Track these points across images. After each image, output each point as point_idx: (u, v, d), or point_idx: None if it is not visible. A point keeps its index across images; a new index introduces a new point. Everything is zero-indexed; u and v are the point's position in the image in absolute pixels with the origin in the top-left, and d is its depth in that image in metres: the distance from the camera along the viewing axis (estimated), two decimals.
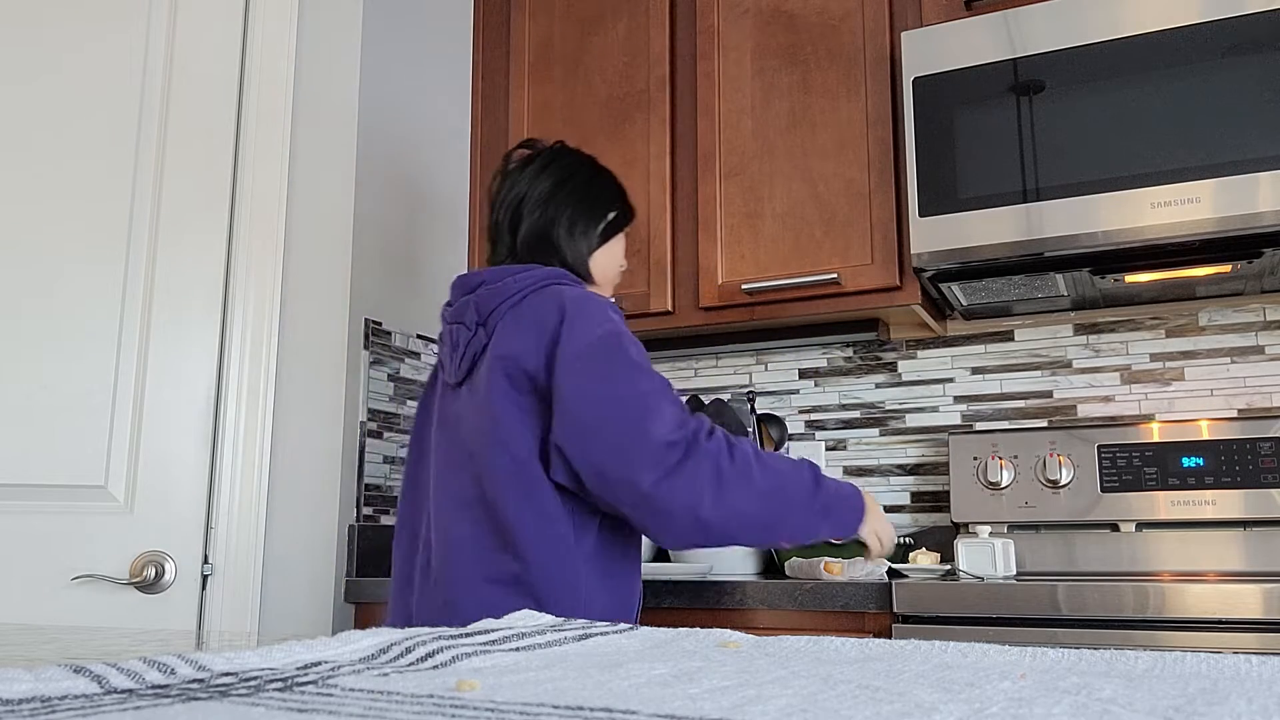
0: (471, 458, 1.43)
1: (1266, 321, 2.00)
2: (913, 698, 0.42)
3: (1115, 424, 2.01)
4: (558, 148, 1.66)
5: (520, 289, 1.47)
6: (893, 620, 1.57)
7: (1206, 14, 1.70)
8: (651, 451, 1.32)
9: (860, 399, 2.30)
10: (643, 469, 1.32)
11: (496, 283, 1.49)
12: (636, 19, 2.29)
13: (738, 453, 1.37)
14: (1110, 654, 0.55)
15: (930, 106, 1.87)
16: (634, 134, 2.24)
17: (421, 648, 0.58)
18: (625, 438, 1.33)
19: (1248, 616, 1.39)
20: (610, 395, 1.36)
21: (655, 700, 0.42)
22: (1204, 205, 1.65)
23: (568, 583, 1.38)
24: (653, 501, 1.31)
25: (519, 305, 1.46)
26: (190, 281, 1.90)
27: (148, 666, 0.49)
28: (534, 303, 1.44)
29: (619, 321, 1.46)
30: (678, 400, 1.40)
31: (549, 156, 1.63)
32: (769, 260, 2.07)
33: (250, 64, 2.00)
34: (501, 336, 1.44)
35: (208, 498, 1.85)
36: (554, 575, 1.37)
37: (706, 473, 1.33)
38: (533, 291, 1.47)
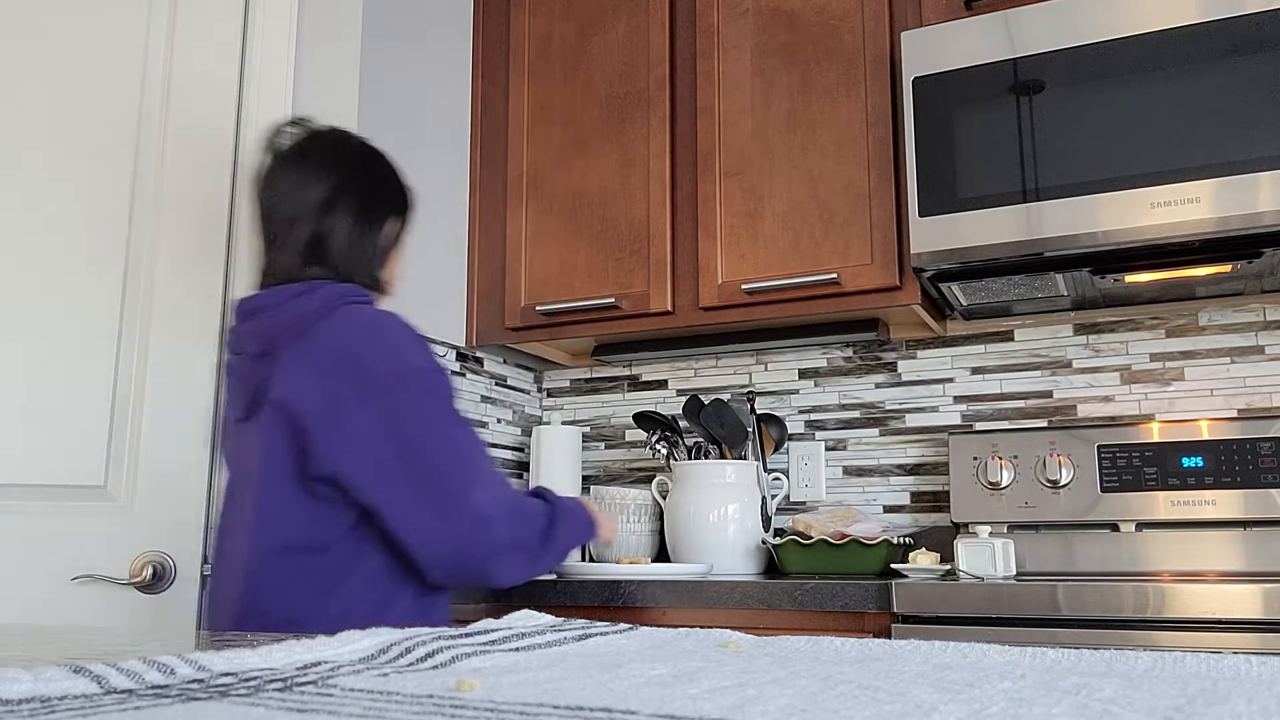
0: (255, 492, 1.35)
1: (1266, 321, 2.00)
2: (912, 698, 0.42)
3: (1115, 424, 2.01)
4: (333, 137, 1.50)
5: (303, 313, 1.34)
6: (893, 620, 1.57)
7: (1206, 14, 1.70)
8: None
9: (860, 399, 2.30)
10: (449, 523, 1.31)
11: (277, 307, 1.36)
12: (636, 18, 2.29)
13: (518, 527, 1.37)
14: (1110, 654, 0.55)
15: (930, 106, 1.87)
16: (634, 133, 2.24)
17: (421, 648, 0.58)
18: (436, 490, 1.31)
19: (1248, 616, 1.39)
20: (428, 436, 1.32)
21: (655, 700, 0.42)
22: (1204, 205, 1.65)
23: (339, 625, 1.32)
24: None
25: (305, 335, 1.33)
26: (190, 281, 1.90)
27: (147, 666, 0.49)
28: (321, 333, 1.33)
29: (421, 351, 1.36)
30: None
31: (325, 151, 1.47)
32: (769, 260, 2.07)
33: (250, 64, 2.00)
34: (283, 374, 1.32)
35: (208, 498, 1.85)
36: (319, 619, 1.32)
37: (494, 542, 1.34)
38: (320, 318, 1.34)
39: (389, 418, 1.30)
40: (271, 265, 1.44)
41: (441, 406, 1.34)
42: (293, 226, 1.42)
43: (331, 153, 1.47)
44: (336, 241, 1.42)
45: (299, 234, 1.41)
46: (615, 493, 2.19)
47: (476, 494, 1.32)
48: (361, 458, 1.29)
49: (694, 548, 2.04)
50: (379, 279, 1.49)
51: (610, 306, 2.17)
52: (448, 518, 1.30)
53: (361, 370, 1.31)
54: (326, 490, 1.32)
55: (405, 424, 1.30)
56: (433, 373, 1.35)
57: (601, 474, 2.52)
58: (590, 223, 2.25)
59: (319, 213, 1.42)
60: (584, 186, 2.27)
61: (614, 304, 2.16)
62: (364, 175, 1.48)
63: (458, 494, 1.31)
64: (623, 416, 2.52)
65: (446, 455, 1.32)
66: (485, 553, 1.32)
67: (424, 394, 1.33)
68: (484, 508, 1.32)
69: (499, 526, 1.32)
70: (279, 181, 1.44)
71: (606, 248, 2.22)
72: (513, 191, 2.34)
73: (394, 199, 1.52)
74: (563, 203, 2.29)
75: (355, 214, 1.44)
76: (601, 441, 2.53)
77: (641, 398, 2.52)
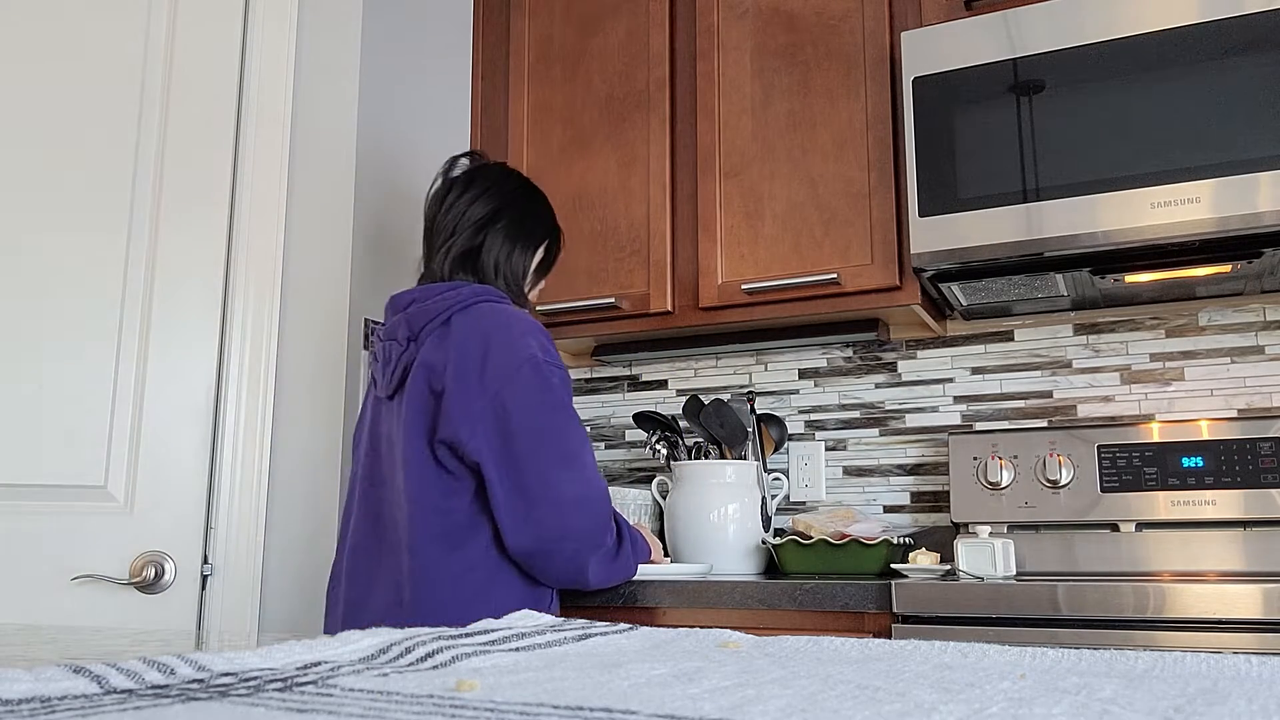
0: (398, 466, 1.52)
1: (1266, 321, 2.00)
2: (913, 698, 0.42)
3: (1115, 424, 2.01)
4: (500, 171, 1.71)
5: (448, 306, 1.53)
6: (893, 620, 1.57)
7: (1206, 14, 1.70)
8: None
9: (860, 399, 2.30)
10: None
11: (426, 301, 1.55)
12: (636, 19, 2.29)
13: (606, 526, 1.50)
14: (1110, 654, 0.55)
15: (930, 106, 1.87)
16: (634, 134, 2.24)
17: (421, 648, 0.58)
18: (535, 479, 1.44)
19: (1248, 616, 1.39)
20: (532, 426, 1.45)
21: (655, 700, 0.42)
22: (1204, 205, 1.65)
23: (453, 587, 1.46)
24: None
25: (448, 323, 1.52)
26: (190, 281, 1.90)
27: (147, 666, 0.49)
28: (459, 322, 1.51)
29: (545, 346, 1.52)
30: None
31: (490, 179, 1.68)
32: (769, 260, 2.07)
33: (250, 64, 2.00)
34: (427, 351, 1.51)
35: (208, 498, 1.85)
36: (437, 583, 1.45)
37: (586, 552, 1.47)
38: (459, 310, 1.53)
39: (500, 401, 1.45)
40: (428, 270, 1.66)
41: (550, 397, 1.47)
42: (453, 238, 1.63)
43: (497, 181, 1.68)
44: (489, 255, 1.63)
45: (457, 245, 1.63)
46: (615, 492, 2.19)
47: (566, 485, 1.42)
48: (474, 432, 1.45)
49: (694, 548, 2.04)
50: (523, 294, 1.68)
51: (610, 306, 2.17)
52: (531, 504, 1.42)
53: (487, 354, 1.47)
54: (446, 454, 1.47)
55: (513, 410, 1.44)
56: (549, 366, 1.49)
57: (601, 474, 2.52)
58: (590, 223, 2.25)
59: (478, 229, 1.63)
60: (584, 187, 2.27)
61: (614, 304, 2.16)
62: (522, 203, 1.69)
63: (546, 482, 1.42)
64: (623, 416, 2.52)
65: (545, 443, 1.44)
66: (568, 541, 1.42)
67: (536, 384, 1.46)
68: (570, 496, 1.42)
69: (582, 517, 1.43)
70: (447, 201, 1.66)
71: (606, 248, 2.22)
72: None
73: (545, 229, 1.72)
74: (563, 203, 2.29)
75: (509, 234, 1.65)
76: (601, 441, 2.53)
77: (641, 398, 2.52)
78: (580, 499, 1.43)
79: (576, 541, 1.43)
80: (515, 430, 1.43)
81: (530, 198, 1.71)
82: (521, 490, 1.42)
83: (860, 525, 1.92)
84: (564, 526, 1.42)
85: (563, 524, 1.42)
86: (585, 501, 1.44)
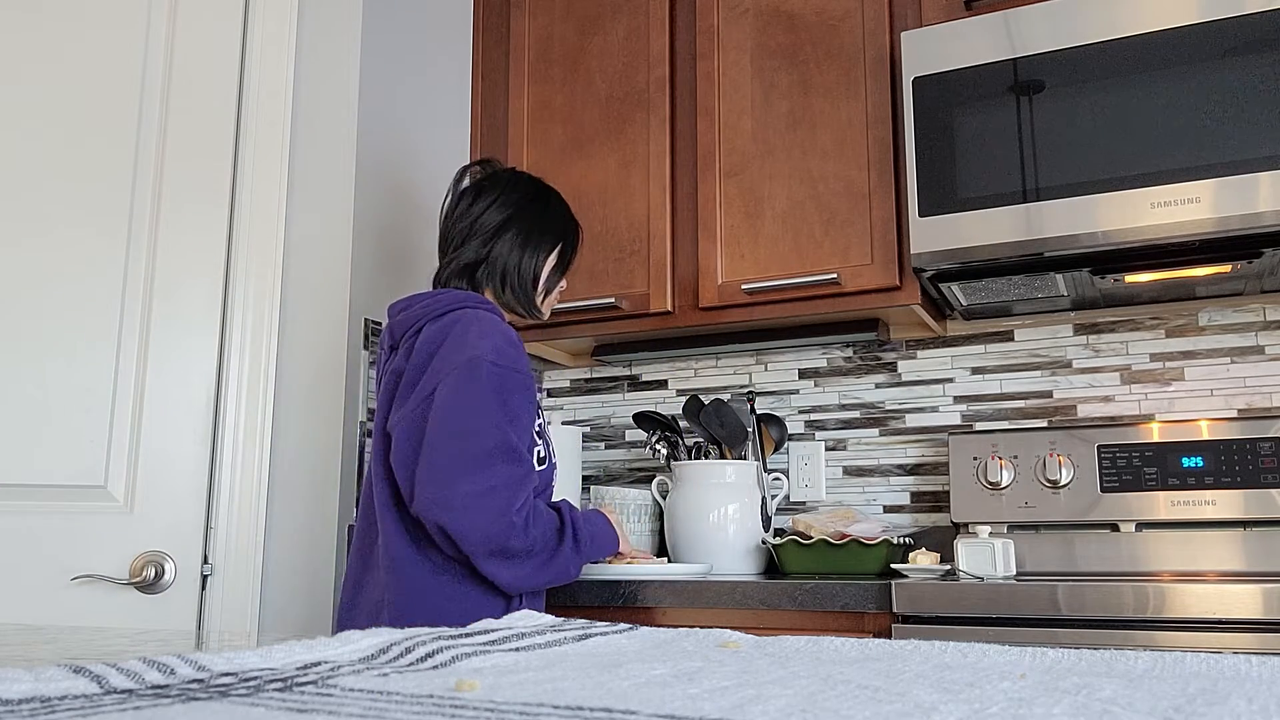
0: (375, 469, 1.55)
1: (1266, 321, 2.00)
2: (913, 698, 0.42)
3: (1115, 424, 2.01)
4: (510, 176, 1.71)
5: (423, 315, 1.55)
6: (893, 620, 1.57)
7: (1206, 14, 1.70)
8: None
9: (860, 399, 2.30)
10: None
11: (409, 309, 1.58)
12: (636, 19, 2.29)
13: (512, 531, 1.46)
14: (1110, 654, 0.55)
15: (930, 106, 1.87)
16: (634, 134, 2.24)
17: (421, 648, 0.58)
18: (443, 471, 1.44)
19: (1247, 616, 1.39)
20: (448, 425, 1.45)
21: (655, 700, 0.42)
22: (1204, 205, 1.65)
23: (424, 602, 1.46)
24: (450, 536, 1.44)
25: (422, 331, 1.54)
26: (190, 281, 1.90)
27: (147, 666, 0.49)
28: (427, 329, 1.53)
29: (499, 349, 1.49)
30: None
31: (501, 186, 1.68)
32: (769, 260, 2.07)
33: (250, 64, 2.00)
34: (399, 359, 1.54)
35: (208, 498, 1.85)
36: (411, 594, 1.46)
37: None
38: (431, 319, 1.54)
39: (426, 398, 1.46)
40: (437, 274, 1.67)
41: (479, 399, 1.44)
42: (461, 249, 1.64)
43: (507, 188, 1.67)
44: (498, 263, 1.63)
45: (463, 256, 1.63)
46: (615, 493, 2.19)
47: (461, 485, 1.40)
48: (396, 425, 1.47)
49: (694, 548, 2.04)
50: (532, 300, 1.67)
51: (610, 306, 2.17)
52: (424, 496, 1.42)
53: (435, 354, 1.48)
54: None
55: (436, 404, 1.44)
56: (492, 366, 1.46)
57: (601, 474, 2.52)
58: (590, 223, 2.25)
59: (487, 239, 1.63)
60: (584, 187, 2.27)
61: (614, 304, 2.16)
62: (534, 209, 1.68)
63: (446, 481, 1.41)
64: (623, 416, 2.52)
65: (454, 442, 1.42)
66: (464, 542, 1.41)
67: (464, 381, 1.44)
68: (463, 499, 1.40)
69: (473, 518, 1.40)
70: (457, 211, 1.66)
71: (606, 248, 2.22)
72: None
73: (558, 230, 1.71)
74: None
75: (520, 241, 1.64)
76: (601, 441, 2.53)
77: (641, 398, 2.52)
78: (466, 508, 1.39)
79: (467, 546, 1.41)
80: (433, 424, 1.43)
81: (542, 201, 1.71)
82: (425, 481, 1.41)
83: (860, 525, 1.92)
84: (452, 528, 1.40)
85: (460, 527, 1.40)
86: (471, 511, 1.39)
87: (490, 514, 1.40)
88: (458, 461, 1.41)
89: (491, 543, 1.41)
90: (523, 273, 1.65)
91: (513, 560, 1.43)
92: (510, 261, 1.64)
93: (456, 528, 1.39)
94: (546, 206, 1.71)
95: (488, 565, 1.42)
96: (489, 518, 1.40)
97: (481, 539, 1.40)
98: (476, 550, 1.41)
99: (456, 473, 1.40)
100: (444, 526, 1.40)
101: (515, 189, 1.69)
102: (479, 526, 1.40)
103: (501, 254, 1.64)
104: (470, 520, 1.39)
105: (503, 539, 1.41)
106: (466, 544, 1.40)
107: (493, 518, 1.40)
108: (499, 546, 1.41)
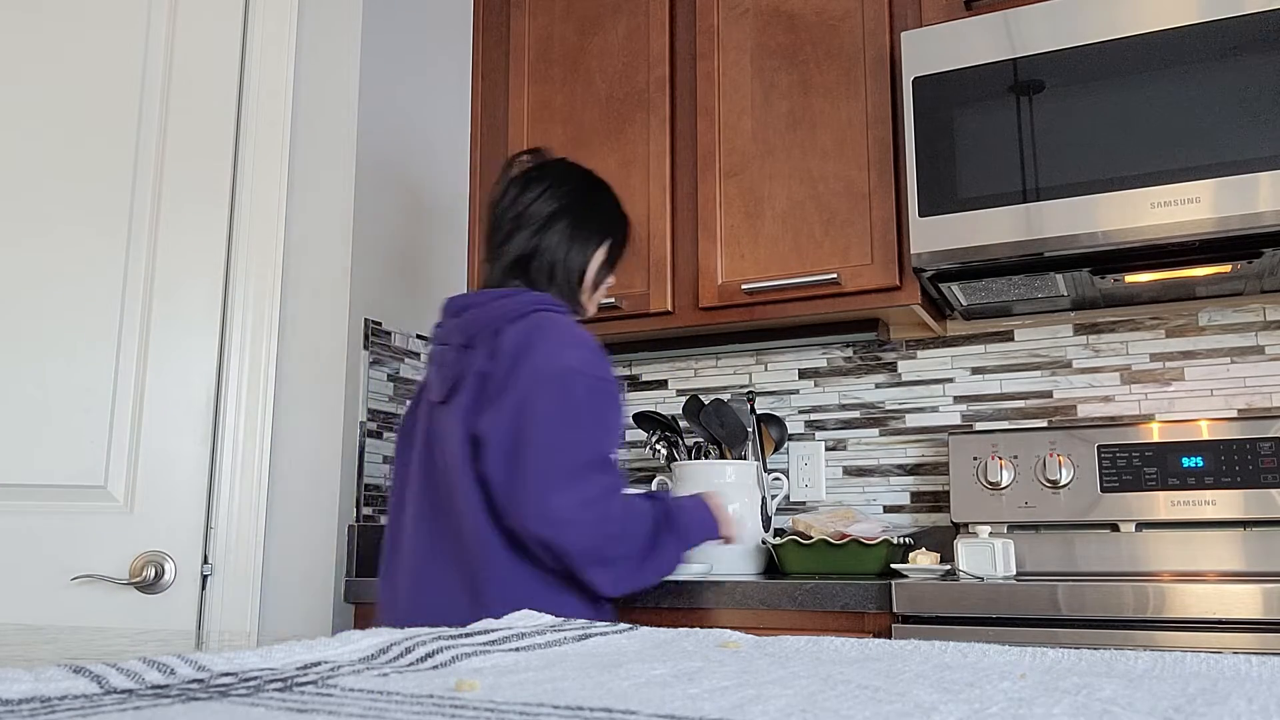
0: (443, 473, 1.50)
1: (1266, 321, 2.00)
2: (913, 698, 0.42)
3: (1115, 424, 2.01)
4: (561, 167, 1.66)
5: (501, 315, 1.51)
6: (893, 620, 1.57)
7: (1206, 14, 1.70)
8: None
9: (860, 399, 2.30)
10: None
11: (480, 307, 1.53)
12: (636, 19, 2.29)
13: (610, 540, 1.46)
14: (1110, 654, 0.55)
15: (930, 106, 1.87)
16: (634, 134, 2.24)
17: (421, 648, 0.58)
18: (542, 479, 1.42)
19: (1247, 616, 1.39)
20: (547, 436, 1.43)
21: (655, 700, 0.42)
22: (1204, 205, 1.65)
23: (524, 586, 1.44)
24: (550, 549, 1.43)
25: (500, 333, 1.50)
26: (190, 281, 1.90)
27: (147, 666, 0.49)
28: (509, 332, 1.49)
29: (587, 359, 1.49)
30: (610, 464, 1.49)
31: (552, 176, 1.64)
32: (769, 260, 2.07)
33: (250, 64, 2.00)
34: (482, 360, 1.50)
35: (208, 498, 1.85)
36: (506, 581, 1.44)
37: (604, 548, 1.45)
38: (511, 321, 1.50)
39: (519, 407, 1.43)
40: (487, 273, 1.64)
41: (575, 413, 1.44)
42: (510, 241, 1.60)
43: (557, 179, 1.63)
44: (545, 257, 1.59)
45: (513, 248, 1.59)
46: None
47: (561, 498, 1.40)
48: (490, 433, 1.43)
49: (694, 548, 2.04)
50: (577, 295, 1.64)
51: (610, 307, 2.17)
52: (525, 512, 1.41)
53: (525, 361, 1.45)
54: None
55: (530, 417, 1.43)
56: (585, 378, 1.46)
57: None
58: None
59: (535, 231, 1.59)
60: None
61: (614, 304, 2.16)
62: (583, 201, 1.64)
63: (545, 495, 1.40)
64: None
65: (552, 456, 1.41)
66: (567, 555, 1.41)
67: (560, 395, 1.44)
68: (564, 513, 1.40)
69: (575, 531, 1.40)
70: (505, 201, 1.63)
71: None
72: None
73: (606, 224, 1.66)
74: None
75: (569, 234, 1.60)
76: None
77: (641, 398, 2.52)
78: (568, 521, 1.40)
79: (570, 559, 1.42)
80: (524, 439, 1.42)
81: (593, 192, 1.66)
82: (518, 496, 1.41)
83: (860, 525, 1.92)
84: (555, 542, 1.40)
85: (562, 540, 1.40)
86: (573, 525, 1.41)
87: (590, 526, 1.41)
88: (556, 476, 1.41)
89: (594, 554, 1.42)
90: (569, 267, 1.61)
91: (613, 565, 1.45)
92: (558, 254, 1.60)
93: (560, 542, 1.40)
94: (597, 199, 1.66)
95: (590, 573, 1.43)
96: (589, 530, 1.41)
97: (583, 551, 1.41)
98: (579, 562, 1.42)
99: (556, 487, 1.40)
100: (547, 541, 1.40)
101: (566, 180, 1.65)
102: (581, 539, 1.40)
103: (550, 246, 1.59)
104: (574, 534, 1.40)
105: (603, 548, 1.43)
106: (570, 557, 1.41)
107: (593, 529, 1.42)
108: (600, 556, 1.43)
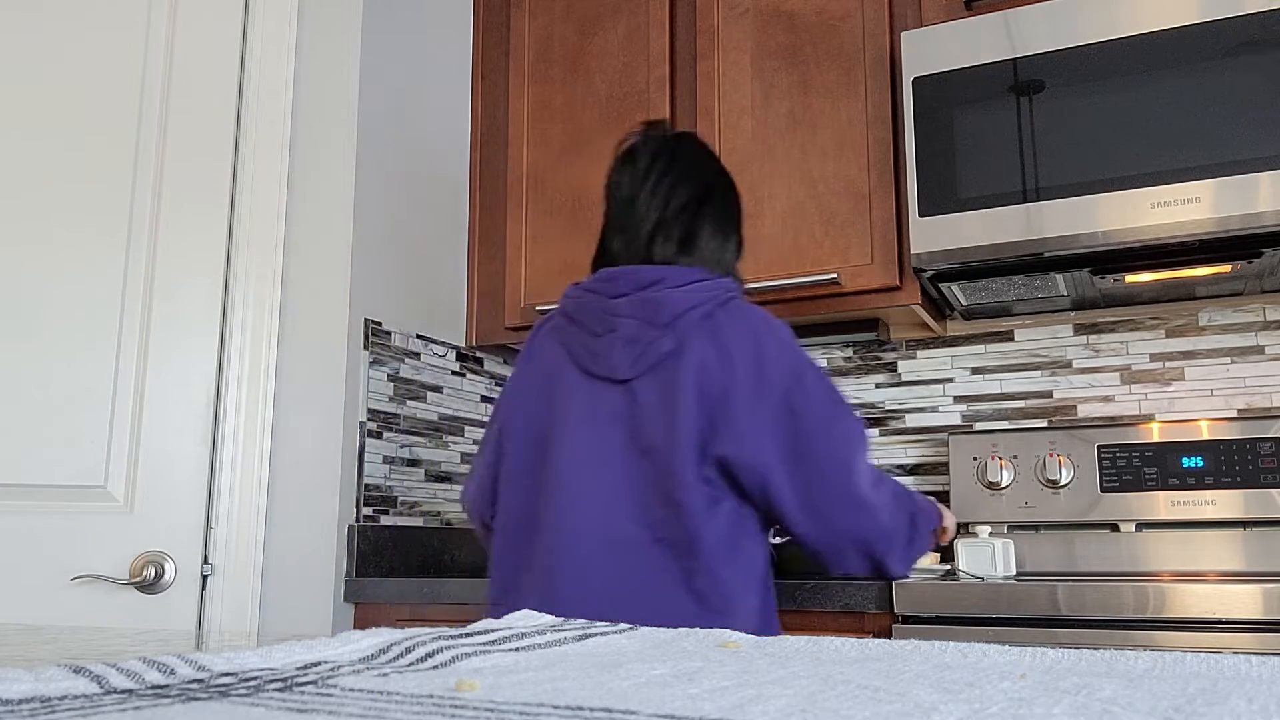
0: (647, 456, 1.37)
1: (1266, 321, 2.00)
2: (913, 698, 0.42)
3: (1115, 424, 2.01)
4: (700, 145, 1.56)
5: (709, 299, 1.40)
6: (893, 620, 1.57)
7: (1206, 14, 1.70)
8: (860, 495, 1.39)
9: (860, 399, 2.30)
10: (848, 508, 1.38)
11: (678, 285, 1.41)
12: (636, 19, 2.29)
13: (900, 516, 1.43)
14: (1110, 654, 0.55)
15: (930, 106, 1.87)
16: None
17: (421, 648, 0.58)
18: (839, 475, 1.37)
19: (1247, 616, 1.39)
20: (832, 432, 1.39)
21: (655, 700, 0.42)
22: (1204, 205, 1.65)
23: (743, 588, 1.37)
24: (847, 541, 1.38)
25: (712, 318, 1.39)
26: (190, 281, 1.90)
27: (147, 666, 0.49)
28: (724, 323, 1.39)
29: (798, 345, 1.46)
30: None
31: (694, 156, 1.53)
32: (769, 260, 2.07)
33: (250, 63, 2.00)
34: (699, 347, 1.38)
35: (208, 498, 1.85)
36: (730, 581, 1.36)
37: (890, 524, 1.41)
38: (720, 305, 1.41)
39: (788, 405, 1.37)
40: (628, 242, 1.48)
41: (833, 398, 1.41)
42: (662, 224, 1.47)
43: (699, 160, 1.53)
44: (703, 245, 1.49)
45: (676, 229, 1.47)
46: None
47: (861, 482, 1.37)
48: (760, 445, 1.35)
49: None
50: (739, 281, 1.55)
51: None
52: (832, 505, 1.36)
53: (765, 359, 1.38)
54: (713, 472, 1.36)
55: (803, 413, 1.37)
56: (818, 368, 1.43)
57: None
58: (590, 223, 2.25)
59: (688, 214, 1.48)
60: (584, 186, 2.27)
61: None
62: (725, 186, 1.55)
63: (846, 483, 1.36)
64: None
65: (837, 446, 1.37)
66: (875, 539, 1.37)
67: (822, 387, 1.40)
68: (869, 496, 1.37)
69: (882, 514, 1.38)
70: (651, 178, 1.49)
71: None
72: (513, 192, 2.34)
73: (740, 214, 1.58)
74: (563, 203, 2.29)
75: (718, 219, 1.51)
76: None
77: None
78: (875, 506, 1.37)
79: (879, 543, 1.38)
80: (808, 432, 1.36)
81: (729, 178, 1.57)
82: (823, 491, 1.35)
83: None
84: (865, 528, 1.37)
85: (863, 526, 1.36)
86: (879, 509, 1.38)
87: (886, 509, 1.39)
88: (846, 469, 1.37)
89: (897, 535, 1.40)
90: (726, 258, 1.52)
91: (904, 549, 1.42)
92: (714, 243, 1.50)
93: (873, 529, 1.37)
94: (731, 185, 1.57)
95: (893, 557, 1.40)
96: (887, 513, 1.39)
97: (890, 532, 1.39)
98: (884, 545, 1.38)
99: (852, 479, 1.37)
100: (861, 532, 1.36)
101: (708, 161, 1.55)
102: (886, 525, 1.38)
103: (702, 232, 1.49)
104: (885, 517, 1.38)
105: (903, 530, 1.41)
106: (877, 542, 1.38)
107: (892, 509, 1.40)
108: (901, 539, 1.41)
